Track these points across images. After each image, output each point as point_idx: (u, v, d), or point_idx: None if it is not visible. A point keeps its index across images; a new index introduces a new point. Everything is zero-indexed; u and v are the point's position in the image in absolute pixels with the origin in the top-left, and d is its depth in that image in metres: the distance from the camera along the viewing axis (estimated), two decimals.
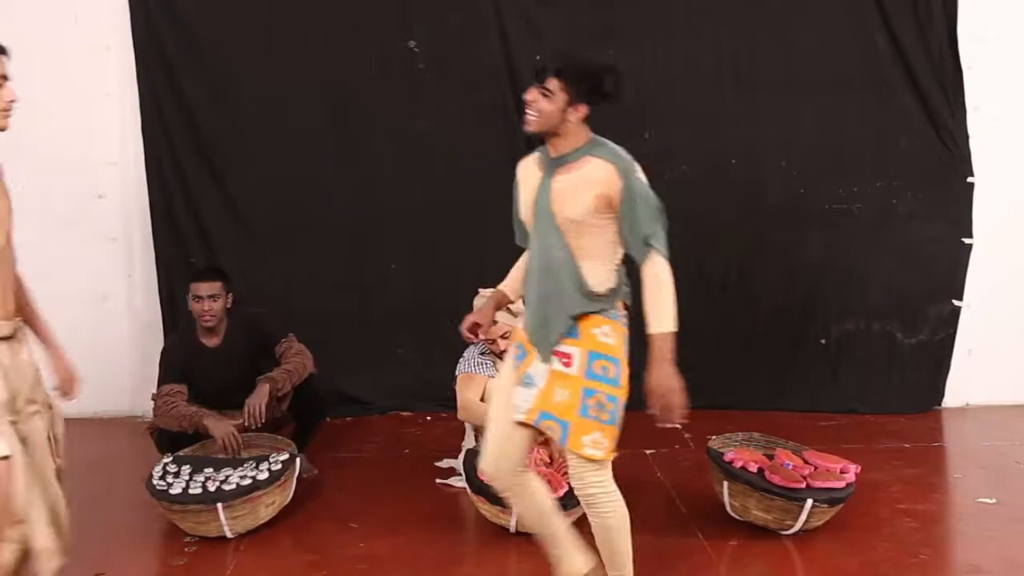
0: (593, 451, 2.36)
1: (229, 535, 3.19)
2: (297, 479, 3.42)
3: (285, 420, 3.80)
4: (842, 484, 3.17)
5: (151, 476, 3.27)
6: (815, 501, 3.08)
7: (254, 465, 3.32)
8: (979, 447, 4.28)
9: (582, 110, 2.38)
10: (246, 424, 3.53)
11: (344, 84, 4.56)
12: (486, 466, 2.54)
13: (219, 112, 4.56)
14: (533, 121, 2.38)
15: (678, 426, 2.25)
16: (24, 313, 2.32)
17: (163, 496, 3.17)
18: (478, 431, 3.55)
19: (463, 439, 3.78)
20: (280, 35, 4.53)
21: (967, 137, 4.66)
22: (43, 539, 2.18)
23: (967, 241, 4.70)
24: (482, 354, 3.62)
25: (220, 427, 3.48)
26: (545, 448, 3.43)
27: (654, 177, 5.01)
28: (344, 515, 3.44)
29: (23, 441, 2.16)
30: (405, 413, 4.74)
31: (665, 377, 2.33)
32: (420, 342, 4.69)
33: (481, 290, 3.55)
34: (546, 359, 2.42)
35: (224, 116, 4.57)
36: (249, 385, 3.64)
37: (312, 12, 4.52)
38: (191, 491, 3.15)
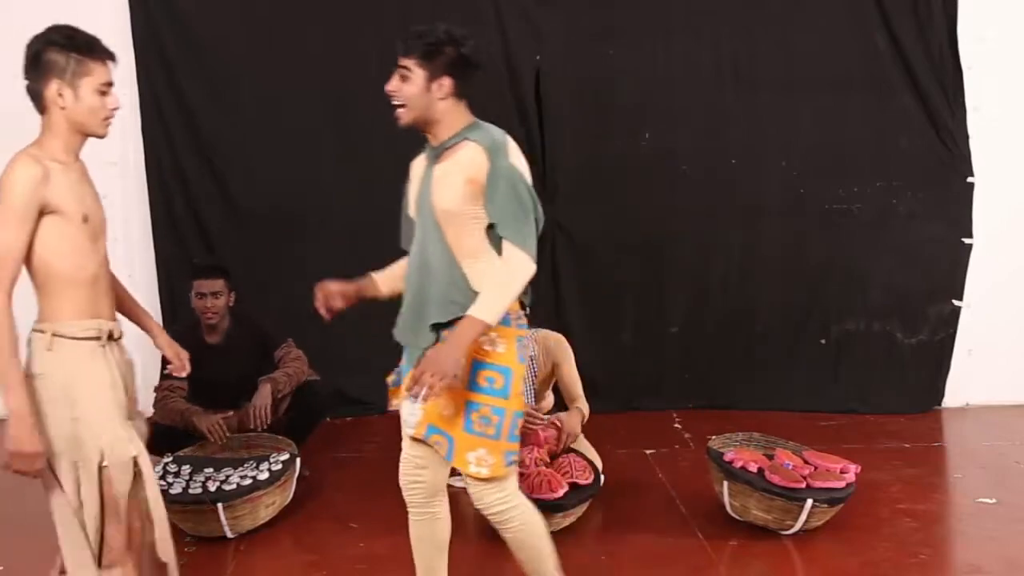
0: (478, 468, 2.22)
1: (229, 535, 3.19)
2: (297, 479, 3.43)
3: (283, 425, 3.80)
4: (842, 484, 3.16)
5: None
6: (815, 501, 3.08)
7: (254, 465, 3.32)
8: (979, 447, 4.28)
9: (446, 84, 2.21)
10: (252, 426, 3.58)
11: (344, 84, 4.55)
12: (400, 479, 2.45)
13: (219, 112, 4.57)
14: (402, 112, 2.23)
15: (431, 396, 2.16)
16: (122, 298, 2.44)
17: (163, 496, 3.16)
18: None
19: None
20: (280, 35, 4.53)
21: (967, 137, 4.66)
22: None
23: (967, 241, 4.70)
24: None
25: (205, 420, 3.55)
26: (544, 448, 3.43)
27: (654, 177, 5.09)
28: (344, 515, 3.45)
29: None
30: None
31: (446, 357, 2.10)
32: None
33: None
34: (411, 363, 2.29)
35: (224, 116, 4.57)
36: (246, 383, 3.66)
37: (312, 12, 4.52)
38: (191, 491, 3.16)
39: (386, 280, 2.49)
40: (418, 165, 2.38)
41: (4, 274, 2.00)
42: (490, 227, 2.19)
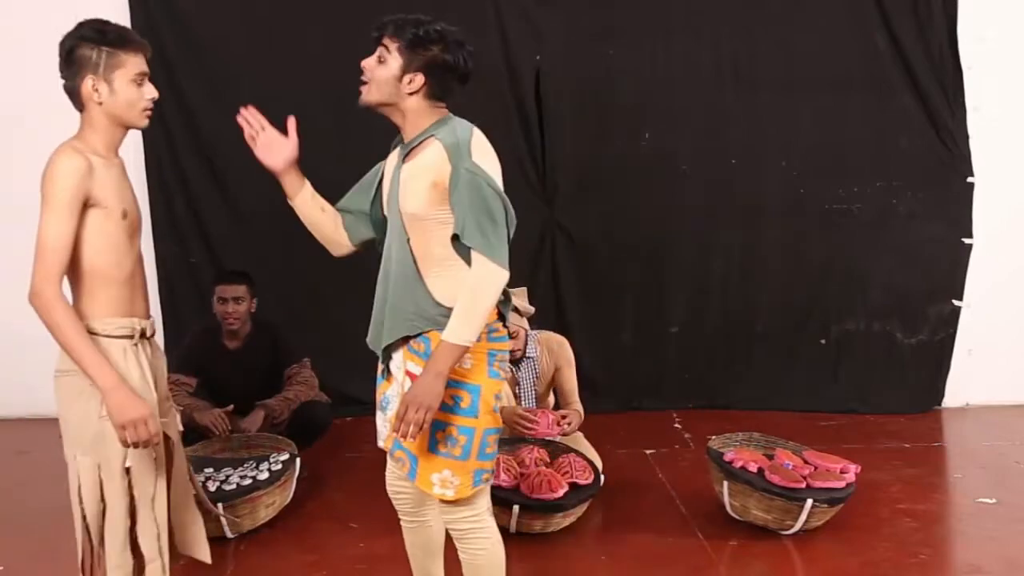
0: (442, 491, 2.11)
1: (229, 535, 3.19)
2: (297, 479, 3.43)
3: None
4: (842, 484, 3.16)
5: None
6: (815, 501, 3.08)
7: (254, 465, 3.32)
8: (979, 447, 4.28)
9: (417, 81, 2.08)
10: None
11: (344, 84, 4.51)
12: (387, 487, 2.41)
13: (219, 112, 4.54)
14: (364, 90, 2.13)
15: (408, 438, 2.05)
16: None
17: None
18: None
19: None
20: (280, 35, 4.52)
21: (967, 137, 4.66)
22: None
23: (967, 241, 4.70)
24: None
25: (208, 415, 3.58)
26: (544, 448, 3.43)
27: (654, 177, 5.09)
28: (344, 515, 3.44)
29: (167, 440, 2.19)
30: None
31: (426, 390, 2.00)
32: None
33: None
34: (383, 374, 2.22)
35: (224, 116, 4.52)
36: (256, 393, 3.69)
37: (312, 12, 4.52)
38: None
39: (312, 198, 2.35)
40: (392, 158, 2.26)
41: (54, 266, 1.97)
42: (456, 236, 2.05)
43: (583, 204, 4.69)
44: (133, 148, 4.59)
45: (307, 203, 2.33)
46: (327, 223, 2.34)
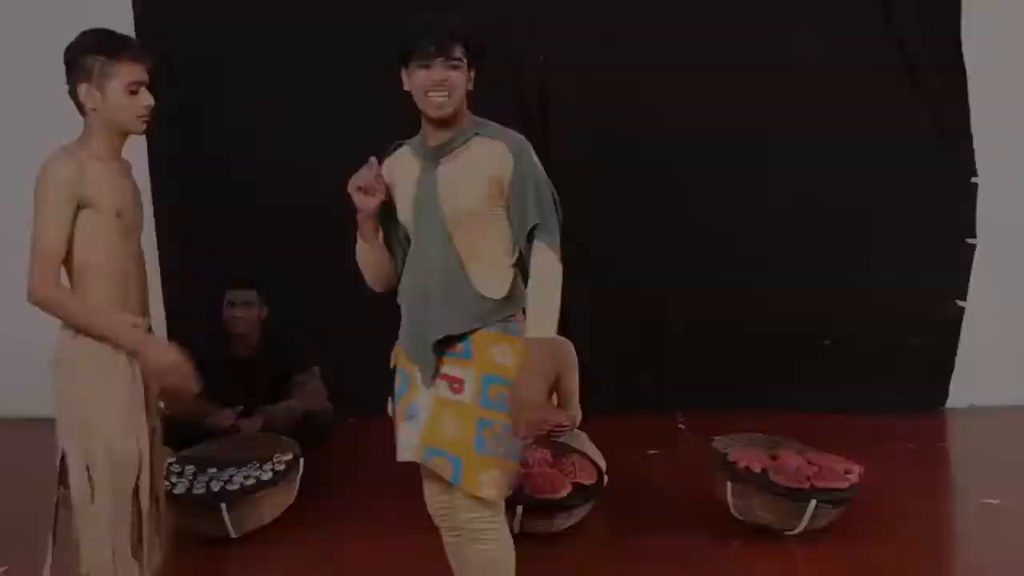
0: (489, 491, 2.05)
1: (232, 535, 3.19)
2: (300, 479, 3.43)
3: None
4: (846, 485, 3.15)
5: None
6: (819, 501, 3.07)
7: (257, 465, 3.32)
8: (983, 448, 4.28)
9: (473, 76, 2.12)
10: None
11: (345, 84, 4.55)
12: (428, 506, 2.27)
13: (221, 113, 4.57)
14: (446, 103, 2.04)
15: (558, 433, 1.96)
16: None
17: (167, 496, 3.16)
18: None
19: None
20: (280, 35, 4.53)
21: (970, 137, 4.65)
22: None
23: (971, 241, 4.69)
24: None
25: (218, 416, 3.64)
26: (546, 448, 3.43)
27: (655, 177, 5.07)
28: (345, 515, 3.45)
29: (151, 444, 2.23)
30: None
31: (532, 390, 2.00)
32: None
33: None
34: (427, 383, 2.13)
35: (226, 117, 4.57)
36: (267, 400, 3.71)
37: (312, 12, 4.52)
38: (195, 491, 3.15)
39: (384, 242, 2.25)
40: (405, 168, 2.18)
41: (46, 268, 2.06)
42: (530, 232, 2.06)
43: (583, 204, 4.66)
44: (136, 149, 4.58)
45: (383, 247, 2.26)
46: (390, 262, 2.27)
